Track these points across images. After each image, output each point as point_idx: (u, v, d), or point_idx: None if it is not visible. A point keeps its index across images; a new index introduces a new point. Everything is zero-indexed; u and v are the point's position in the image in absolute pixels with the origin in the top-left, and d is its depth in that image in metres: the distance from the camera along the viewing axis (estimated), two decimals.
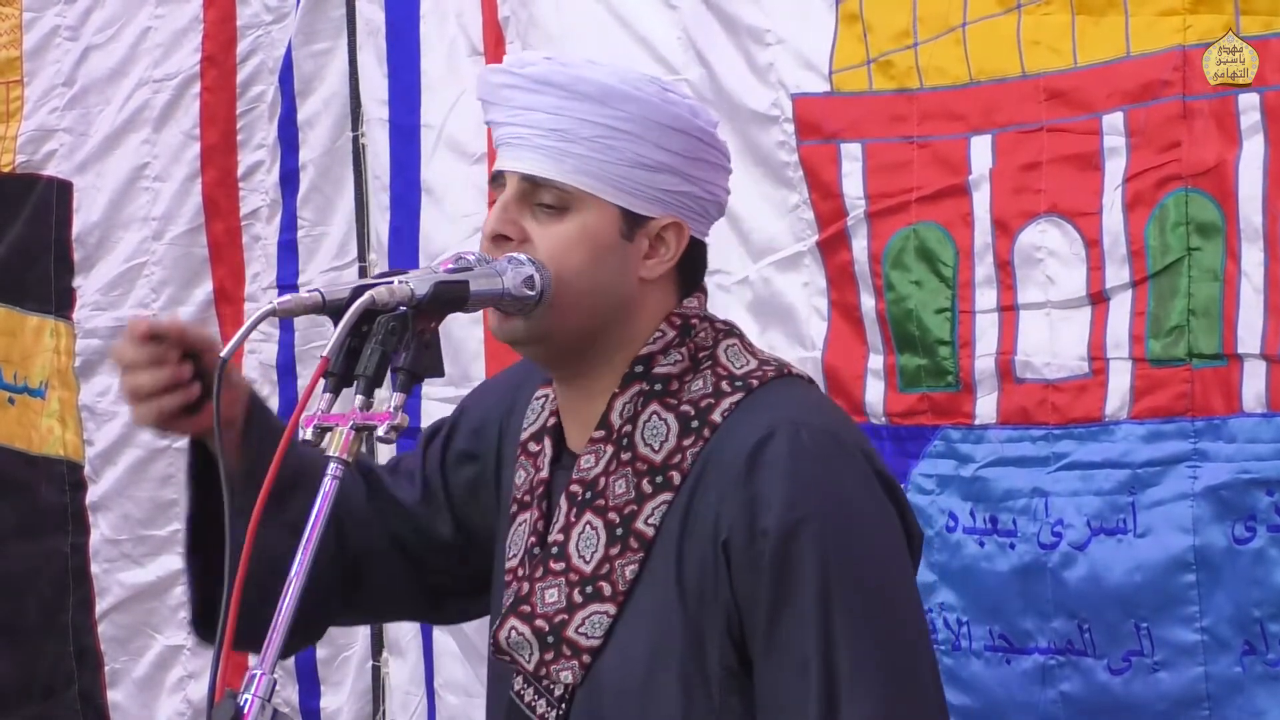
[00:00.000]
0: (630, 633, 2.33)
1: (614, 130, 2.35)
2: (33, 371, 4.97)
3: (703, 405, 2.35)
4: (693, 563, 2.31)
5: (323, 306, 2.16)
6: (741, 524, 2.27)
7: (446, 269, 2.27)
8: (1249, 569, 3.10)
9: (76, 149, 4.84)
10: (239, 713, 1.98)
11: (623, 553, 2.33)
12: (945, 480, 3.40)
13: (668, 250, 2.39)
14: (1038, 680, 3.30)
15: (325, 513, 2.08)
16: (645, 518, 2.33)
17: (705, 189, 2.42)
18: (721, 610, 2.29)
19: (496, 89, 2.40)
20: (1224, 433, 3.13)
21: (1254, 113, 3.10)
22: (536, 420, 2.51)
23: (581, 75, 2.37)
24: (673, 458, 2.34)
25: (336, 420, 2.11)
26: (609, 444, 2.37)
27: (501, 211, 2.36)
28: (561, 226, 2.35)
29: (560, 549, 2.37)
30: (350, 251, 4.43)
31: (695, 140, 2.40)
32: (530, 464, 2.48)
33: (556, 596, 2.36)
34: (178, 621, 4.75)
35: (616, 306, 2.37)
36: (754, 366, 2.39)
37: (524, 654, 2.37)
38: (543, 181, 2.35)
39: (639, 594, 2.33)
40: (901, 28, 3.44)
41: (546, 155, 2.35)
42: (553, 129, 2.35)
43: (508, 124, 2.39)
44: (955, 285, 3.40)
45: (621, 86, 2.36)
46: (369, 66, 4.32)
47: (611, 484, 2.36)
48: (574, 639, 2.34)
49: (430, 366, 2.19)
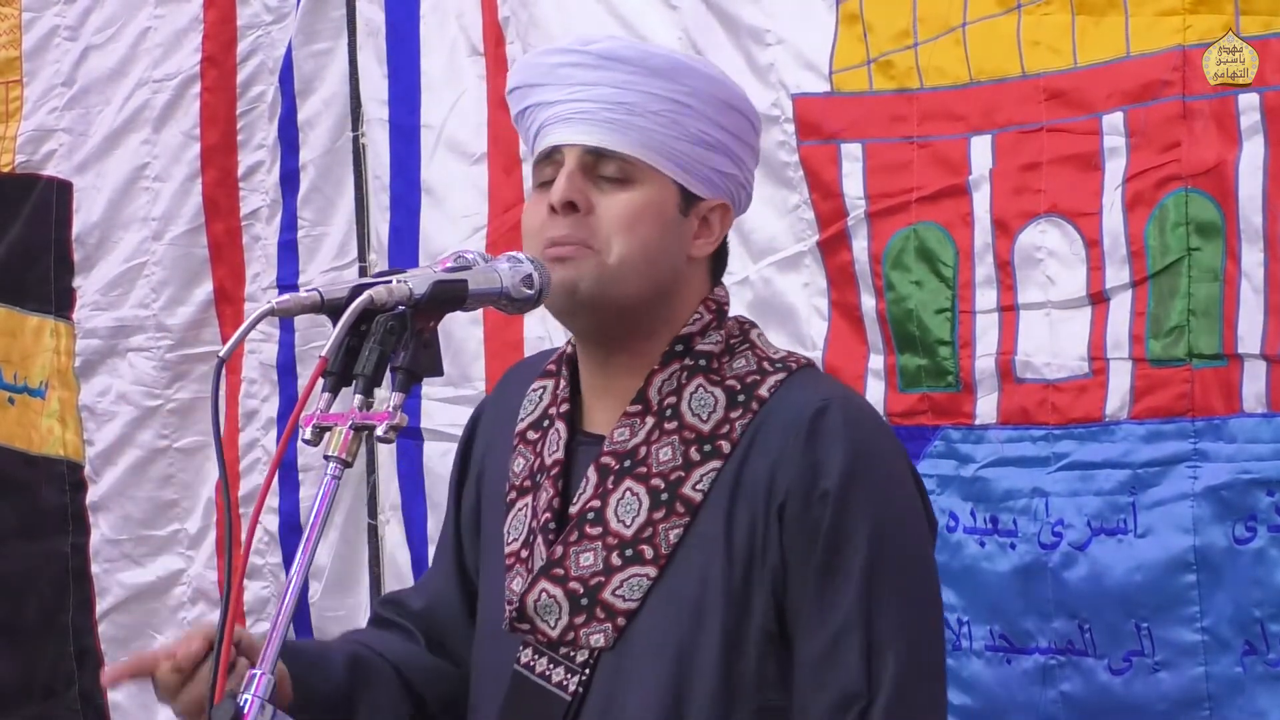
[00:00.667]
0: (669, 595, 2.36)
1: (679, 105, 2.41)
2: (33, 371, 4.97)
3: (749, 381, 2.42)
4: (742, 527, 2.36)
5: (321, 306, 2.16)
6: (800, 487, 2.34)
7: (445, 268, 2.27)
8: (1249, 569, 3.10)
9: (76, 149, 4.84)
10: (239, 713, 1.99)
11: (667, 517, 2.37)
12: (946, 480, 3.40)
13: (712, 231, 2.48)
14: (1038, 680, 3.30)
15: (325, 512, 2.08)
16: (693, 484, 2.38)
17: (746, 175, 2.51)
18: (769, 573, 2.35)
19: (552, 69, 2.44)
20: (1224, 433, 3.13)
21: (1254, 113, 3.10)
22: (535, 410, 2.54)
23: (649, 50, 2.46)
24: (721, 428, 2.39)
25: (335, 420, 2.11)
26: (648, 416, 2.41)
27: (568, 181, 2.40)
28: (627, 195, 2.41)
29: (597, 514, 2.40)
30: (350, 252, 4.43)
31: (748, 122, 2.49)
32: (529, 451, 2.51)
33: (593, 560, 2.39)
34: (178, 622, 4.75)
35: (669, 281, 2.44)
36: (786, 354, 2.49)
37: (550, 619, 2.39)
38: (608, 153, 2.40)
39: (681, 557, 2.37)
40: (901, 28, 3.44)
41: (613, 128, 2.40)
42: (619, 102, 2.40)
43: (566, 101, 2.42)
44: (955, 285, 3.40)
45: (688, 62, 2.45)
46: (369, 67, 4.32)
47: (655, 452, 2.40)
48: (610, 601, 2.37)
49: (429, 366, 2.19)
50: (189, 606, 4.76)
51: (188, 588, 4.76)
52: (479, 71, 4.09)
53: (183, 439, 4.72)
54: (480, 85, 4.07)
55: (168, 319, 4.70)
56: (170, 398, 4.72)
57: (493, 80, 4.06)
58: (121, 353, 4.78)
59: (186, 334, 4.69)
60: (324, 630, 4.48)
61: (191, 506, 4.74)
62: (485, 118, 4.08)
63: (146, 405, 4.74)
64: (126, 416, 4.78)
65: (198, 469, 4.71)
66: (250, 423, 4.59)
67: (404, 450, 4.23)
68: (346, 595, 4.45)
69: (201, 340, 4.67)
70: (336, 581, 4.45)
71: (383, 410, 2.12)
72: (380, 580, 4.38)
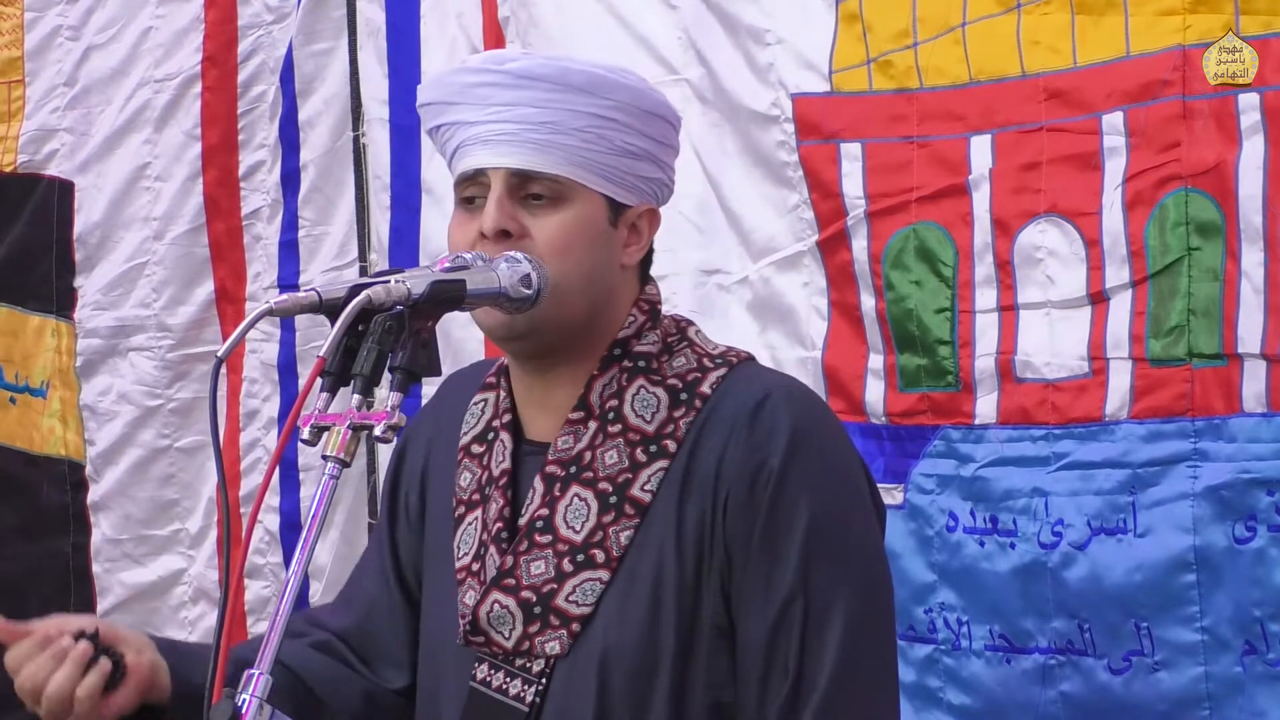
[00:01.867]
0: (623, 598, 2.35)
1: (603, 119, 2.38)
2: (34, 371, 4.97)
3: (689, 379, 2.41)
4: (691, 523, 2.35)
5: (319, 306, 2.16)
6: (744, 473, 2.33)
7: (443, 268, 2.27)
8: (1249, 569, 3.10)
9: (78, 149, 4.84)
10: (237, 712, 1.98)
11: (617, 519, 2.36)
12: (945, 480, 3.40)
13: (641, 237, 2.46)
14: (1038, 680, 3.30)
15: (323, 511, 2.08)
16: (641, 485, 2.37)
17: (669, 175, 2.48)
18: (716, 565, 2.34)
19: (468, 88, 2.41)
20: (1224, 432, 3.13)
21: (1254, 112, 3.10)
22: (478, 423, 2.52)
23: (568, 67, 2.40)
24: (665, 428, 2.38)
25: (334, 420, 2.10)
26: (590, 421, 2.40)
27: (498, 208, 2.37)
28: (558, 217, 2.38)
29: (546, 522, 2.38)
30: (351, 251, 4.43)
31: (669, 126, 2.46)
32: (476, 464, 2.49)
33: (544, 568, 2.37)
34: (178, 621, 4.76)
35: (605, 293, 2.42)
36: (725, 349, 2.47)
37: (504, 629, 2.38)
38: (535, 174, 2.37)
39: (633, 558, 2.36)
40: (901, 28, 3.44)
41: (537, 148, 2.37)
42: (542, 122, 2.37)
43: (485, 122, 2.39)
44: (955, 285, 3.40)
45: (609, 75, 2.41)
46: (370, 66, 4.33)
47: (600, 456, 2.38)
48: (563, 608, 2.35)
49: (427, 365, 2.19)
50: (190, 606, 4.76)
51: (188, 587, 4.76)
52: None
53: (184, 439, 4.72)
54: None
55: (169, 319, 4.70)
56: (171, 397, 4.72)
57: None
58: (123, 352, 4.79)
59: (187, 334, 4.69)
60: None
61: (192, 506, 4.74)
62: None
63: (147, 405, 4.75)
64: (128, 416, 4.78)
65: (199, 468, 4.72)
66: (251, 422, 4.59)
67: None
68: None
69: (202, 340, 4.68)
70: (336, 581, 4.44)
71: (381, 410, 2.11)
72: None
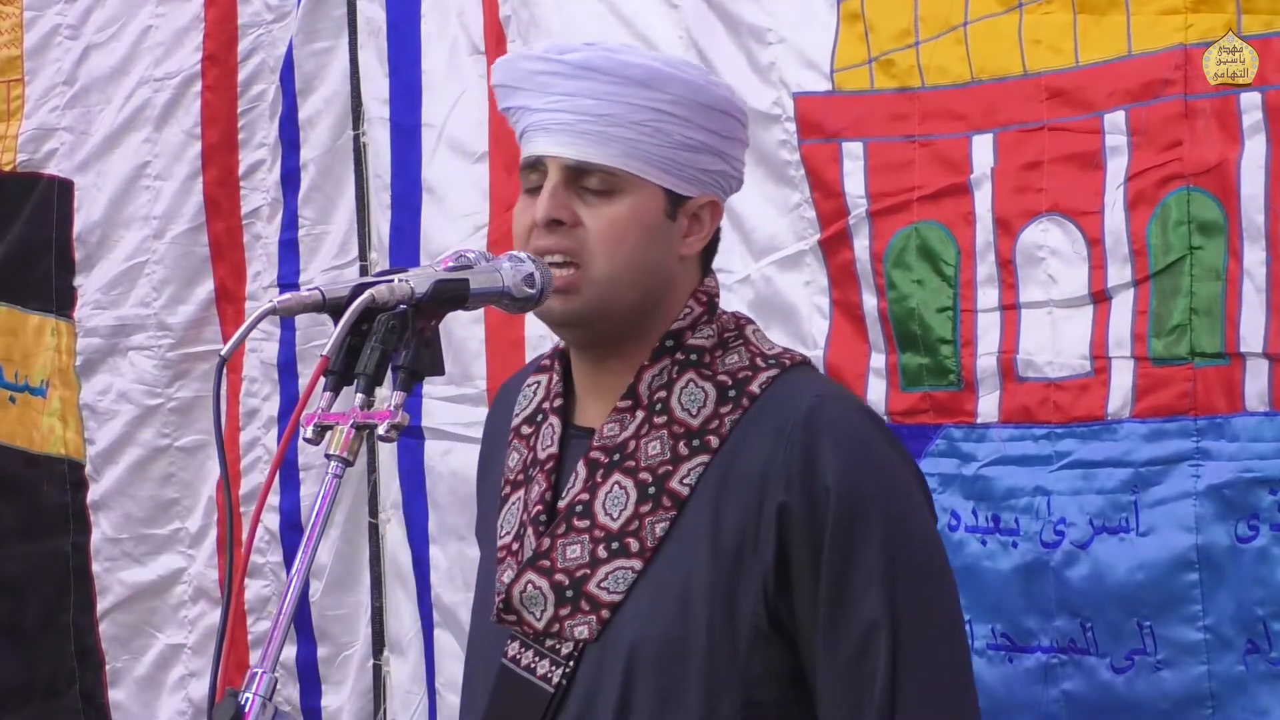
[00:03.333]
0: (654, 588, 2.36)
1: (660, 113, 2.40)
2: (34, 370, 4.97)
3: (740, 377, 2.41)
4: (731, 521, 2.36)
5: (322, 305, 2.16)
6: (800, 484, 2.34)
7: (447, 267, 2.27)
8: (1252, 568, 3.10)
9: (77, 148, 4.84)
10: (240, 711, 1.98)
11: (654, 510, 2.38)
12: (947, 479, 3.40)
13: (703, 228, 2.47)
14: (1040, 679, 3.29)
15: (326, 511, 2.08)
16: (680, 478, 2.38)
17: (735, 166, 2.50)
18: (759, 569, 2.34)
19: (530, 75, 2.43)
20: (1226, 431, 3.13)
21: (1255, 111, 3.10)
22: (530, 405, 2.55)
23: (628, 60, 2.42)
24: (710, 423, 2.39)
25: (337, 419, 2.11)
26: (638, 411, 2.41)
27: (551, 196, 2.39)
28: (612, 208, 2.40)
29: (585, 508, 2.40)
30: (351, 250, 4.43)
31: (733, 120, 2.47)
32: (523, 445, 2.52)
33: (579, 552, 2.39)
34: (179, 620, 4.75)
35: (660, 285, 2.44)
36: (781, 350, 2.48)
37: (535, 610, 2.39)
38: (591, 166, 2.39)
39: (667, 550, 2.37)
40: (903, 27, 3.44)
41: (594, 140, 2.39)
42: (600, 114, 2.39)
43: (545, 110, 2.41)
44: (957, 284, 3.40)
45: (667, 69, 2.43)
46: (370, 65, 4.32)
47: (643, 446, 2.40)
48: (594, 593, 2.37)
49: (431, 365, 2.19)
50: (190, 605, 4.76)
51: (189, 586, 4.76)
52: (480, 70, 4.09)
53: (184, 438, 4.72)
54: (481, 84, 4.07)
55: (169, 318, 4.70)
56: (171, 396, 4.72)
57: None
58: (122, 351, 4.79)
59: (187, 333, 4.69)
60: (324, 629, 4.48)
61: (192, 505, 4.74)
62: (486, 116, 4.08)
63: (147, 404, 4.74)
64: (127, 415, 4.78)
65: (199, 468, 4.71)
66: (251, 421, 4.59)
67: (405, 449, 4.23)
68: (347, 594, 4.45)
69: (202, 339, 4.68)
70: (337, 580, 4.45)
71: (384, 409, 2.11)
72: (381, 579, 4.38)
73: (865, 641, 2.32)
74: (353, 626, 4.46)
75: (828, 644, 2.33)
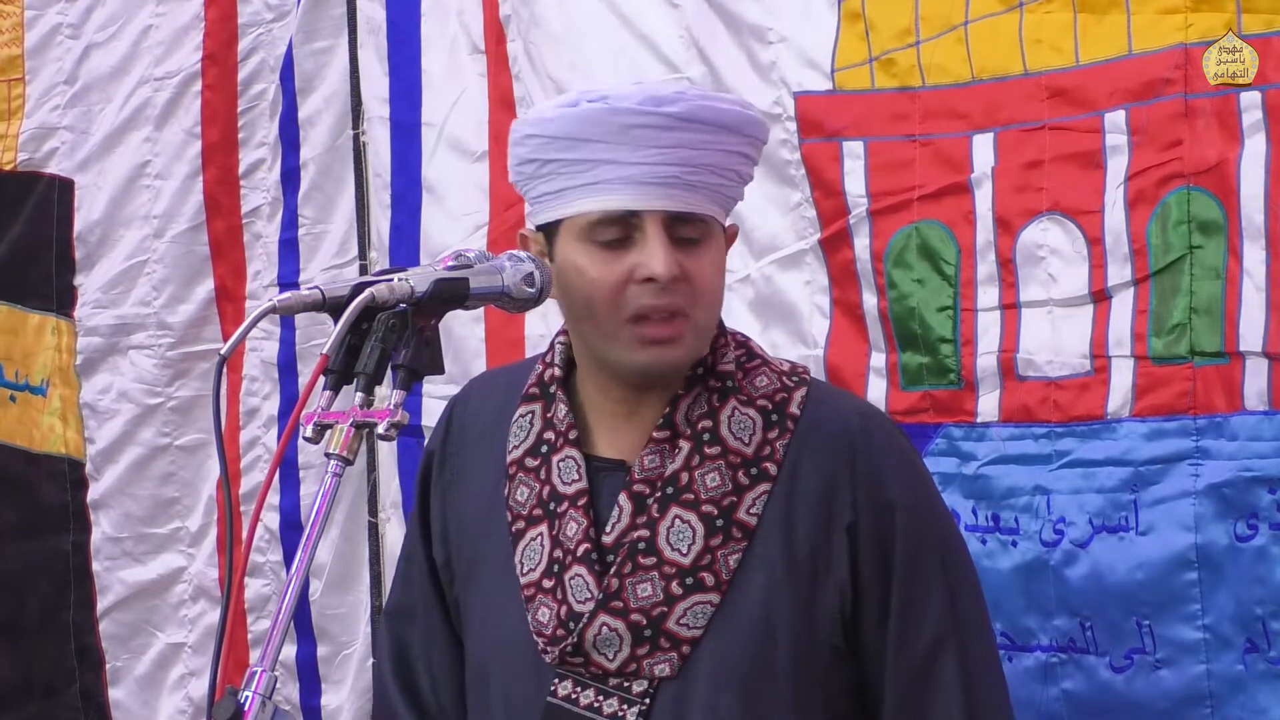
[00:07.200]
0: (733, 619, 2.38)
1: (741, 156, 2.42)
2: (34, 369, 4.97)
3: (777, 400, 2.44)
4: (802, 545, 2.39)
5: (322, 304, 2.16)
6: (867, 502, 2.39)
7: (446, 266, 2.27)
8: (1251, 567, 3.10)
9: (78, 147, 4.84)
10: (239, 710, 1.98)
11: (725, 542, 2.38)
12: (947, 478, 3.40)
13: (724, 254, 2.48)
14: (1040, 678, 3.30)
15: (326, 509, 2.08)
16: (746, 508, 2.39)
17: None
18: (834, 589, 2.38)
19: (625, 129, 2.36)
20: (1226, 430, 3.13)
21: (1256, 111, 3.10)
22: (528, 436, 2.51)
23: (722, 108, 2.40)
24: (762, 449, 2.41)
25: (336, 418, 2.11)
26: (680, 441, 2.41)
27: (666, 252, 2.36)
28: (709, 257, 2.40)
29: (648, 544, 2.39)
30: (351, 249, 4.43)
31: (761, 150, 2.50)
32: (533, 479, 2.48)
33: (651, 590, 2.38)
34: (179, 619, 4.75)
35: None
36: (790, 365, 2.51)
37: (609, 651, 2.38)
38: (688, 216, 2.38)
39: (742, 580, 2.38)
40: (904, 26, 3.44)
41: (690, 189, 2.37)
42: (701, 164, 2.37)
43: (644, 164, 2.35)
44: (957, 283, 3.40)
45: (750, 113, 2.44)
46: (370, 64, 4.32)
47: (700, 478, 2.40)
48: (674, 630, 2.37)
49: (430, 364, 2.19)
50: (190, 604, 4.76)
51: (189, 585, 4.76)
52: (480, 69, 4.09)
53: (184, 437, 4.72)
54: (481, 83, 4.07)
55: (169, 317, 4.70)
56: (171, 395, 4.72)
57: (494, 78, 4.06)
58: (123, 350, 4.79)
59: (187, 332, 4.69)
60: (324, 628, 4.48)
61: (192, 504, 4.74)
62: (486, 115, 4.08)
63: (147, 403, 4.74)
64: (127, 414, 4.78)
65: (199, 467, 4.72)
66: (251, 420, 4.59)
67: (405, 448, 4.23)
68: (347, 593, 4.45)
69: (202, 338, 4.68)
70: (337, 579, 4.45)
71: (384, 408, 2.12)
72: (380, 578, 4.38)
73: (934, 652, 2.38)
74: (352, 625, 4.46)
75: (897, 655, 2.39)
